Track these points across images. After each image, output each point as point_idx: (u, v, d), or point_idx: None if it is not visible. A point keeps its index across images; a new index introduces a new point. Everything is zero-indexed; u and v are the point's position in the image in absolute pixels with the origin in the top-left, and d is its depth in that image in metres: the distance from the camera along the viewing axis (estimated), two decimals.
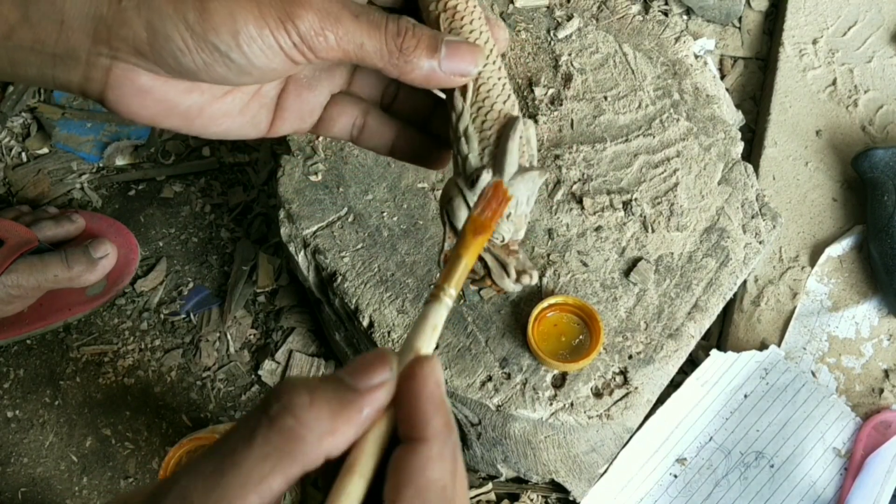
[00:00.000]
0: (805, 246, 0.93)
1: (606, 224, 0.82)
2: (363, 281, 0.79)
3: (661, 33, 0.92)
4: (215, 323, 0.94)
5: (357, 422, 0.35)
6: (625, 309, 0.78)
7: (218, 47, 0.43)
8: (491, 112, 0.48)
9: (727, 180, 0.84)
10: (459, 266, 0.41)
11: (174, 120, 0.47)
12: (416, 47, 0.45)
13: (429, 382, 0.36)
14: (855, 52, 1.02)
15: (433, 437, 0.35)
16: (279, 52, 0.44)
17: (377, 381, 0.36)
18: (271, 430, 0.34)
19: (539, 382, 0.75)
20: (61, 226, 0.92)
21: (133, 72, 0.44)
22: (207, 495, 0.33)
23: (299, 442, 0.34)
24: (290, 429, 0.34)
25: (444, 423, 0.35)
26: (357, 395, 0.35)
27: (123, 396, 0.91)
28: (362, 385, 0.36)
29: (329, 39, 0.44)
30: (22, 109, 1.05)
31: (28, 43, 0.43)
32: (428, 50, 0.45)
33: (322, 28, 0.43)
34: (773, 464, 0.83)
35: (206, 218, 1.00)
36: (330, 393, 0.35)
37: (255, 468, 0.33)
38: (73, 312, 0.93)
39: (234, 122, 0.49)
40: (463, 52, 0.46)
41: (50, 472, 0.88)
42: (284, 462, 0.34)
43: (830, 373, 0.87)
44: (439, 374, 0.37)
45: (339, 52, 0.44)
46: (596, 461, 0.81)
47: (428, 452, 0.34)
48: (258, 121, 0.50)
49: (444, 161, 0.53)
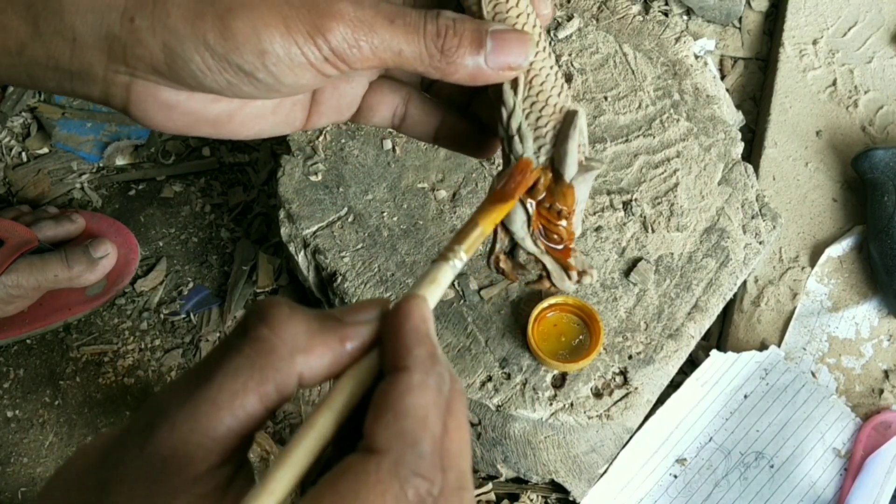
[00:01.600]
0: (805, 246, 0.93)
1: (606, 224, 0.82)
2: (363, 281, 0.79)
3: (661, 33, 0.92)
4: (215, 323, 0.94)
5: (334, 348, 0.34)
6: (625, 309, 0.78)
7: (242, 67, 0.40)
8: (546, 107, 0.44)
9: (727, 181, 0.84)
10: (474, 231, 0.39)
11: (203, 128, 0.45)
12: (458, 46, 0.42)
13: (413, 316, 0.35)
14: (855, 53, 1.02)
15: (414, 365, 0.33)
16: (309, 69, 0.41)
17: (362, 318, 0.35)
18: (244, 340, 0.33)
19: (539, 383, 0.75)
20: (61, 226, 0.92)
21: (154, 88, 0.42)
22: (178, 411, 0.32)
23: (270, 353, 0.33)
24: (262, 338, 0.33)
25: (428, 353, 0.34)
26: (339, 323, 0.35)
27: (123, 396, 0.91)
28: (347, 318, 0.35)
29: (364, 50, 0.41)
30: (22, 109, 1.05)
31: (42, 59, 0.42)
32: (472, 46, 0.42)
33: (356, 39, 0.40)
34: (772, 464, 0.83)
35: (206, 218, 1.00)
36: (311, 315, 0.34)
37: (227, 381, 0.32)
38: (73, 312, 0.93)
39: (267, 123, 0.47)
40: (511, 43, 0.43)
41: (50, 471, 0.88)
42: (256, 375, 0.32)
43: (830, 373, 0.87)
44: (426, 312, 0.35)
45: (375, 62, 0.42)
46: (596, 461, 0.81)
47: (408, 380, 0.33)
48: (292, 118, 0.48)
49: (492, 149, 0.50)
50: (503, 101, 0.44)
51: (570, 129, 0.43)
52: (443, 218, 0.82)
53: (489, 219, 0.40)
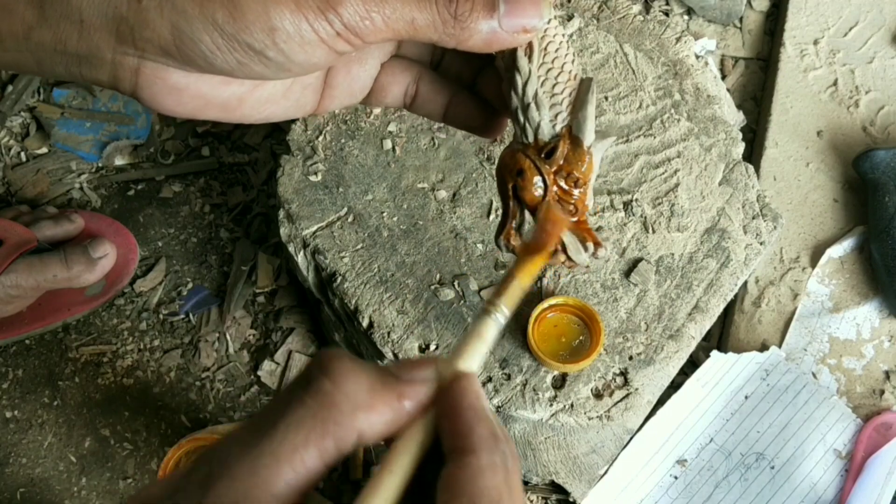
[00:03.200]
0: (806, 247, 0.93)
1: (607, 224, 0.82)
2: (363, 281, 0.79)
3: (661, 33, 0.92)
4: (214, 323, 0.94)
5: (395, 407, 0.33)
6: (625, 310, 0.78)
7: (252, 46, 0.40)
8: (561, 73, 0.43)
9: (728, 181, 0.84)
10: (513, 286, 0.38)
11: (213, 112, 0.44)
12: (471, 10, 0.41)
13: (468, 394, 0.34)
14: (856, 53, 1.02)
15: (479, 446, 0.33)
16: (320, 45, 0.40)
17: (419, 377, 0.34)
18: (307, 392, 0.32)
19: (539, 383, 0.75)
20: (60, 225, 0.92)
21: (163, 70, 0.42)
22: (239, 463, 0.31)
23: (332, 407, 0.32)
24: (326, 392, 0.32)
25: (490, 432, 0.33)
26: (399, 381, 0.34)
27: (122, 397, 0.91)
28: (405, 375, 0.34)
29: (376, 22, 0.40)
30: (21, 109, 1.05)
31: (49, 43, 0.41)
32: (485, 9, 0.41)
33: (367, 11, 0.40)
34: (773, 465, 0.82)
35: (205, 218, 1.00)
36: (372, 370, 0.34)
37: (289, 436, 0.31)
38: (72, 312, 0.93)
39: (278, 107, 0.46)
40: (524, 4, 0.41)
41: (48, 472, 0.88)
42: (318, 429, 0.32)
43: (831, 374, 0.87)
44: (478, 388, 0.35)
45: (388, 33, 0.41)
46: (596, 462, 0.81)
47: (476, 462, 0.32)
48: (304, 102, 0.47)
49: (500, 128, 0.49)
50: (517, 68, 0.43)
51: (588, 95, 0.42)
52: (443, 218, 0.82)
53: (526, 275, 0.39)
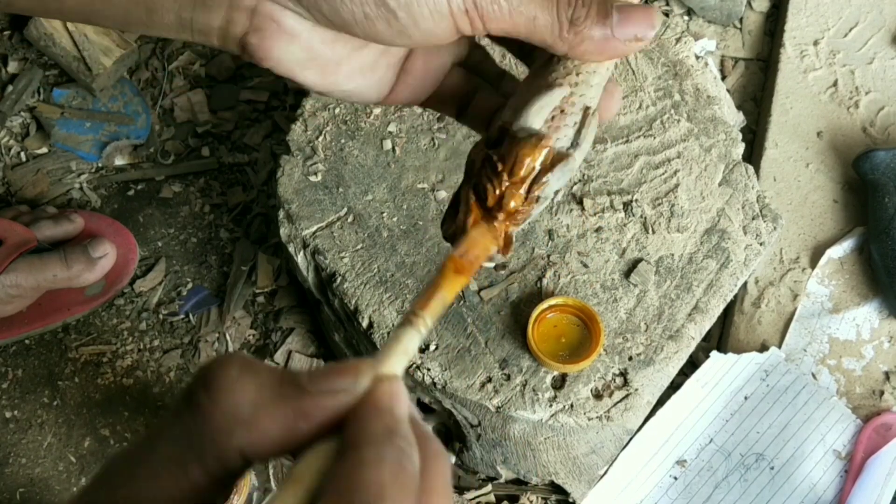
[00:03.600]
0: (806, 247, 0.93)
1: (607, 225, 0.82)
2: (363, 282, 0.79)
3: (661, 34, 0.92)
4: (214, 323, 0.94)
5: (285, 424, 0.31)
6: (625, 310, 0.78)
7: (387, 1, 0.40)
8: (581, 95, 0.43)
9: (728, 181, 0.84)
10: (438, 299, 0.38)
11: (310, 73, 0.44)
12: (587, 16, 0.41)
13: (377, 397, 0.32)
14: (856, 54, 1.02)
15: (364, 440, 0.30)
16: (447, 17, 0.40)
17: (331, 388, 0.31)
18: (186, 407, 0.31)
19: (539, 384, 0.75)
20: (60, 225, 0.92)
21: (280, 12, 0.41)
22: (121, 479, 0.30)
23: (206, 423, 0.30)
24: (201, 407, 0.30)
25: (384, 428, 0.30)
26: (300, 394, 0.31)
27: (122, 397, 0.91)
28: (313, 387, 0.31)
29: (503, 8, 0.40)
30: (21, 109, 1.05)
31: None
32: (599, 16, 0.41)
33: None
34: (773, 466, 0.82)
35: (205, 218, 1.00)
36: (266, 380, 0.31)
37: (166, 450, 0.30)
38: (71, 312, 0.93)
39: (364, 81, 0.46)
40: (637, 14, 0.42)
41: (48, 472, 0.88)
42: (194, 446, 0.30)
43: (831, 375, 0.87)
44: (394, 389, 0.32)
45: (508, 24, 0.41)
46: (596, 463, 0.81)
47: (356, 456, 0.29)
48: (383, 83, 0.47)
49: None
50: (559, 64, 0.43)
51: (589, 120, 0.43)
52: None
53: (451, 290, 0.39)
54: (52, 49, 1.02)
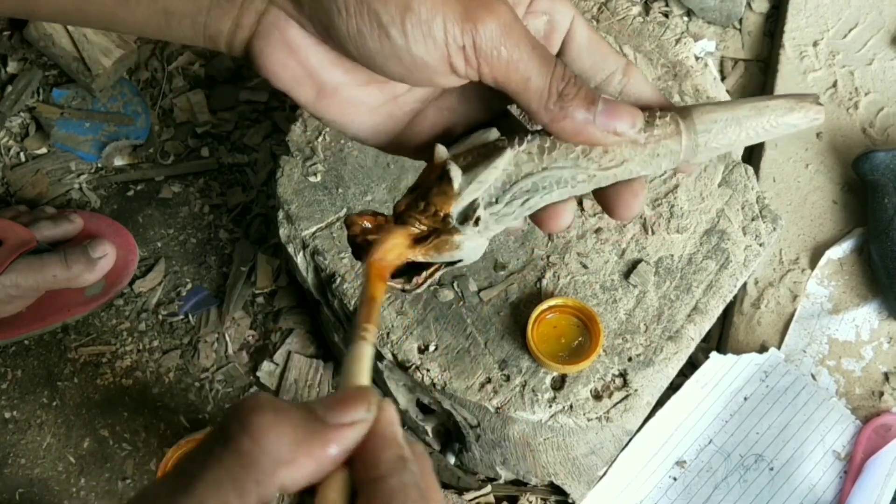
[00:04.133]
0: (805, 248, 0.93)
1: (606, 226, 0.82)
2: (362, 282, 0.79)
3: (661, 35, 0.92)
4: (214, 324, 0.94)
5: (320, 457, 0.33)
6: (624, 311, 0.78)
7: (380, 17, 0.39)
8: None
9: (727, 182, 0.84)
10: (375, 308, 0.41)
11: (306, 90, 0.44)
12: (575, 96, 0.42)
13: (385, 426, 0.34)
14: (855, 55, 1.02)
15: (387, 471, 0.33)
16: (441, 47, 0.40)
17: (350, 419, 0.34)
18: (226, 450, 0.32)
19: (538, 384, 0.75)
20: (59, 226, 0.92)
21: (285, 21, 0.42)
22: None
23: (252, 467, 0.31)
24: (245, 451, 0.32)
25: (396, 456, 0.34)
26: (326, 428, 0.33)
27: (121, 397, 0.91)
28: (334, 419, 0.33)
29: (502, 58, 0.40)
30: (21, 109, 1.05)
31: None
32: (586, 100, 0.42)
33: (501, 43, 0.40)
34: (772, 466, 0.82)
35: (204, 218, 1.00)
36: (296, 419, 0.33)
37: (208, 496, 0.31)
38: (71, 313, 0.93)
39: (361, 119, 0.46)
40: (622, 111, 0.43)
41: (47, 473, 0.88)
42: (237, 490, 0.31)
43: (830, 375, 0.87)
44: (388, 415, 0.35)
45: (502, 76, 0.41)
46: (595, 463, 0.81)
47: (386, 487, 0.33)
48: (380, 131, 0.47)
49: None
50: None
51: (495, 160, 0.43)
52: None
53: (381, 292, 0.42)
54: (51, 49, 1.02)
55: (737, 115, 0.44)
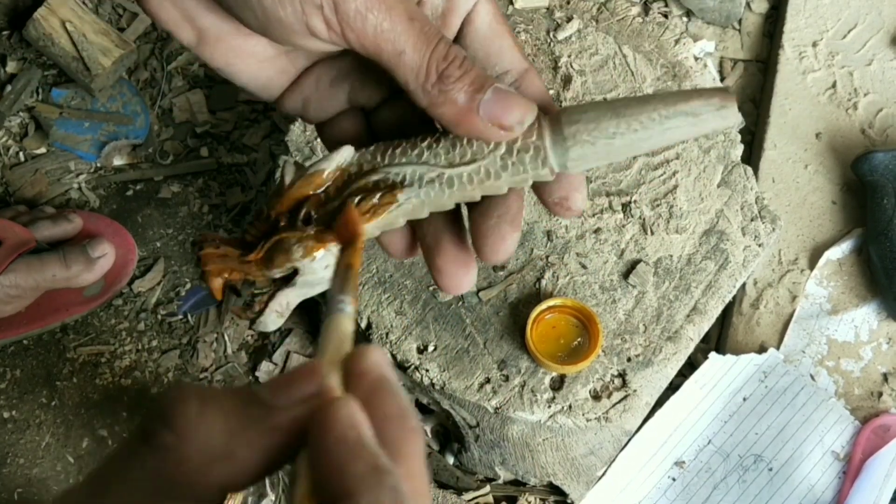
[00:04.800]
0: (804, 249, 0.93)
1: (605, 226, 0.82)
2: (361, 282, 0.79)
3: (660, 35, 0.92)
4: (213, 324, 0.94)
5: (263, 447, 0.28)
6: (623, 311, 0.78)
7: None
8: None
9: (726, 183, 0.84)
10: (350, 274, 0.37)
11: (186, 33, 0.41)
12: (458, 79, 0.37)
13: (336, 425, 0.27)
14: (855, 55, 1.02)
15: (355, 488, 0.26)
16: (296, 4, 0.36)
17: (299, 396, 0.28)
18: (147, 448, 0.27)
19: (537, 385, 0.75)
20: (59, 225, 0.92)
21: None
22: None
23: (181, 465, 0.27)
24: (168, 447, 0.27)
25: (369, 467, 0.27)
26: (269, 412, 0.28)
27: (120, 397, 0.91)
28: (279, 400, 0.28)
29: (368, 25, 0.36)
30: (20, 109, 1.05)
31: None
32: (471, 85, 0.37)
33: (368, 8, 0.36)
34: (771, 467, 0.82)
35: (204, 218, 1.00)
36: (229, 406, 0.28)
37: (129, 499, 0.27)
38: (70, 313, 0.93)
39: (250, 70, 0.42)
40: (513, 102, 0.38)
41: (46, 472, 0.88)
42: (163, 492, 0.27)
43: (829, 376, 0.87)
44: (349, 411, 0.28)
45: (371, 45, 0.37)
46: (594, 464, 0.81)
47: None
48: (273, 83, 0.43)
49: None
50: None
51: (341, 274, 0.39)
52: None
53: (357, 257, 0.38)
54: (50, 49, 1.02)
55: (614, 105, 0.39)
